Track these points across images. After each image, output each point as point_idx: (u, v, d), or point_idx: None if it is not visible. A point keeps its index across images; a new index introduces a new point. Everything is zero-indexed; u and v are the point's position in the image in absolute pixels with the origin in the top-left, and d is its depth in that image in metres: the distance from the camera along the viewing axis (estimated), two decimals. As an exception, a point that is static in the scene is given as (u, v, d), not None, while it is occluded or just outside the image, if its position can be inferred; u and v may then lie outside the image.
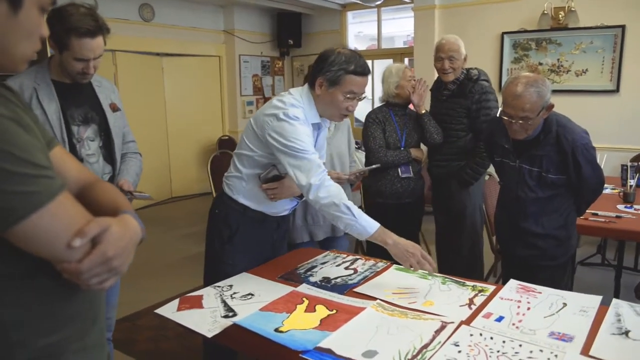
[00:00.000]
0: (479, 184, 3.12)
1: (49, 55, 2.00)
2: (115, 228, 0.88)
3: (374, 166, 2.81)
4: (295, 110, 1.91)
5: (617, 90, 4.94)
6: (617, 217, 2.85)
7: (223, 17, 7.31)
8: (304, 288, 1.86)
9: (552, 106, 2.14)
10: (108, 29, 1.96)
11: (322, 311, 1.67)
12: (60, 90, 1.99)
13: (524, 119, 2.10)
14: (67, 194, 0.84)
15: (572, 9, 4.94)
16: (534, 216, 2.29)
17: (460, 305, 1.72)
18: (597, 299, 1.72)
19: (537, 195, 2.25)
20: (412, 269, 1.85)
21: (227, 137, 7.25)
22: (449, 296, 1.80)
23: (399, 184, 3.02)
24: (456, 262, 3.27)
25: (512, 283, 1.89)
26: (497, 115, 2.25)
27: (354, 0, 6.69)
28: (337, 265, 2.11)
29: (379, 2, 6.62)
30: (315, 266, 2.10)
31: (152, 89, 6.62)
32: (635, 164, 3.62)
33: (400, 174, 3.00)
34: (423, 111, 3.04)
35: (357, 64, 1.91)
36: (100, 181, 1.10)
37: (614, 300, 1.70)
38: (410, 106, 3.11)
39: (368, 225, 1.86)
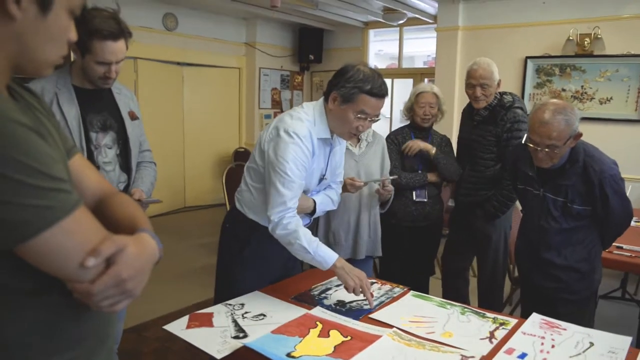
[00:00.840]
0: (507, 213, 2.96)
1: (72, 60, 1.99)
2: (132, 248, 0.83)
3: (391, 177, 2.60)
4: (299, 125, 1.86)
5: (642, 120, 4.84)
6: (642, 251, 2.75)
7: (245, 29, 7.35)
8: (317, 311, 1.80)
9: (580, 135, 2.07)
10: (130, 33, 1.94)
11: (336, 337, 1.61)
12: (81, 96, 1.97)
13: (550, 147, 2.03)
14: (83, 209, 0.80)
15: (599, 36, 4.87)
16: (556, 247, 2.21)
17: (481, 339, 1.64)
18: (627, 340, 1.63)
19: (560, 226, 2.18)
20: (352, 293, 1.84)
21: (243, 150, 7.24)
22: (469, 328, 1.72)
23: (414, 207, 2.92)
24: (464, 289, 3.19)
25: (535, 317, 1.81)
26: (523, 141, 2.18)
27: (377, 19, 6.68)
28: (352, 289, 2.04)
29: (401, 22, 6.60)
30: (330, 288, 2.03)
31: (172, 98, 6.64)
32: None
33: (414, 197, 2.91)
34: (433, 151, 2.89)
35: (374, 85, 1.84)
36: (119, 194, 1.06)
37: (644, 343, 1.62)
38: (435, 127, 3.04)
39: (324, 260, 1.85)
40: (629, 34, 4.82)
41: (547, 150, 2.04)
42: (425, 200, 2.93)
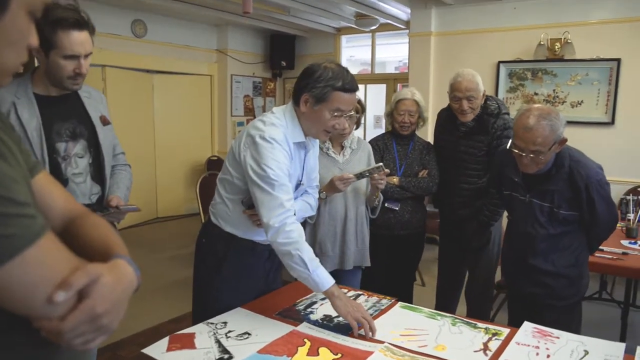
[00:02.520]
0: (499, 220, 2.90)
1: (35, 66, 1.85)
2: (107, 278, 0.74)
3: (375, 165, 2.39)
4: (274, 131, 1.79)
5: (612, 122, 4.93)
6: (623, 253, 2.76)
7: (216, 36, 7.24)
8: (304, 327, 1.72)
9: (564, 140, 2.05)
10: (94, 28, 1.81)
11: (325, 355, 1.53)
12: (45, 104, 1.82)
13: (535, 153, 2.01)
14: (49, 236, 0.70)
15: (569, 41, 4.94)
16: (543, 253, 2.18)
17: (475, 351, 1.59)
18: (621, 347, 1.60)
19: (547, 232, 2.15)
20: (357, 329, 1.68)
21: (216, 158, 7.11)
22: (462, 340, 1.67)
23: (391, 214, 2.85)
24: (458, 298, 3.15)
25: (527, 326, 1.77)
26: (507, 147, 2.14)
27: (349, 25, 6.66)
28: (338, 301, 1.97)
29: (373, 27, 6.60)
30: (315, 302, 1.96)
31: (142, 106, 6.47)
32: (635, 197, 3.56)
33: (385, 204, 2.79)
34: (395, 180, 2.80)
35: (345, 80, 1.80)
36: (90, 215, 0.95)
37: (639, 349, 1.59)
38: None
39: (321, 282, 1.72)
40: (597, 38, 4.90)
41: (532, 156, 2.02)
42: (397, 208, 2.84)
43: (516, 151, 2.06)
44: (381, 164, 2.34)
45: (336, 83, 1.78)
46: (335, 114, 1.82)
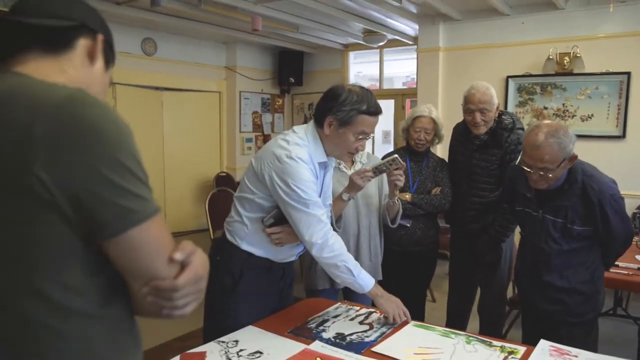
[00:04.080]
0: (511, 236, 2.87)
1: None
2: (201, 251, 0.90)
3: (390, 157, 2.19)
4: (300, 150, 1.79)
5: (623, 136, 4.89)
6: (638, 269, 2.71)
7: (225, 53, 7.31)
8: (317, 346, 1.70)
9: (575, 157, 2.03)
10: None
11: (339, 374, 1.51)
12: None
13: (543, 170, 1.99)
14: (161, 216, 0.85)
15: (578, 55, 4.93)
16: (558, 269, 2.15)
17: (491, 370, 1.56)
18: (640, 366, 1.57)
19: (561, 248, 2.12)
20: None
21: (224, 174, 7.12)
22: (477, 358, 1.64)
23: (403, 231, 2.80)
24: (469, 314, 3.11)
25: (544, 344, 1.73)
26: (517, 163, 2.13)
27: (357, 41, 6.70)
28: (350, 319, 1.95)
29: (381, 44, 6.63)
30: (327, 320, 1.93)
31: (151, 123, 6.52)
32: (648, 212, 3.52)
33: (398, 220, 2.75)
34: (407, 197, 2.77)
35: (370, 104, 1.82)
36: None
37: (659, 368, 1.55)
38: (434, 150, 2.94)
39: (365, 284, 1.88)
40: (606, 52, 4.89)
41: (540, 173, 2.00)
42: (408, 225, 2.80)
43: (525, 168, 2.05)
44: (396, 155, 2.19)
45: (361, 107, 1.80)
46: (360, 137, 1.85)
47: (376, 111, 1.84)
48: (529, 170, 2.03)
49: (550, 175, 2.00)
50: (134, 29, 6.03)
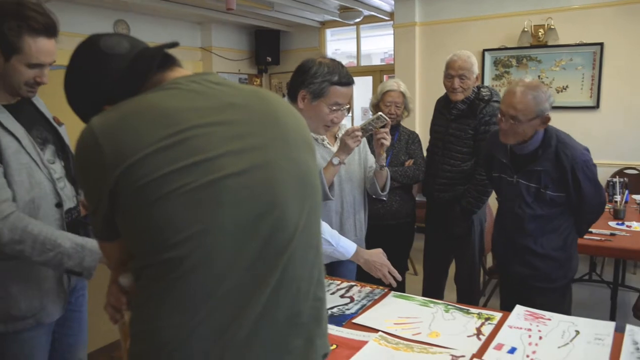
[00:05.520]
0: (482, 208, 2.94)
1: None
2: None
3: (375, 115, 2.19)
4: None
5: (597, 106, 4.97)
6: (611, 234, 2.79)
7: (200, 34, 7.19)
8: (299, 320, 1.72)
9: (548, 118, 2.09)
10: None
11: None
12: (10, 113, 1.61)
13: (514, 119, 2.06)
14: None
15: (552, 27, 4.97)
16: (532, 234, 2.20)
17: (468, 336, 1.61)
18: (610, 326, 1.63)
19: (534, 212, 2.17)
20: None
21: (204, 156, 7.07)
22: (455, 325, 1.69)
23: (380, 204, 2.85)
24: (445, 285, 3.17)
25: (519, 309, 1.79)
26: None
27: (333, 18, 6.65)
28: (331, 294, 1.98)
29: (358, 20, 6.59)
30: (309, 294, 1.96)
31: (127, 107, 6.42)
32: (622, 179, 3.60)
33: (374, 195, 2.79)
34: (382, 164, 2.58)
35: (341, 74, 1.84)
36: None
37: (628, 327, 1.61)
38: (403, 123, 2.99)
39: (346, 251, 1.96)
40: (580, 23, 4.94)
41: (511, 122, 2.06)
42: (385, 198, 2.81)
43: (499, 116, 2.13)
44: (380, 113, 2.19)
45: (333, 78, 1.82)
46: (334, 107, 1.86)
47: (348, 81, 1.86)
48: (501, 118, 2.10)
49: (519, 130, 2.05)
50: (105, 11, 5.89)
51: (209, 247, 0.83)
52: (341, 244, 1.92)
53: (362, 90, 7.22)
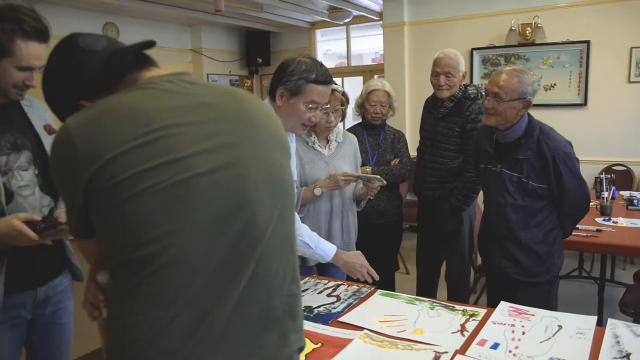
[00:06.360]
0: (472, 205, 2.97)
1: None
2: None
3: (377, 176, 2.40)
4: None
5: (584, 103, 5.02)
6: (597, 230, 2.82)
7: (190, 36, 7.19)
8: (285, 319, 1.73)
9: (529, 103, 2.13)
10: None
11: (306, 345, 1.55)
12: None
13: (496, 97, 2.11)
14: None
15: (539, 25, 5.01)
16: (514, 225, 2.22)
17: (452, 332, 1.62)
18: (592, 320, 1.65)
19: (516, 202, 2.19)
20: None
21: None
22: (439, 322, 1.70)
23: (367, 204, 2.84)
24: (437, 284, 3.19)
25: (504, 305, 1.80)
26: None
27: (323, 19, 6.67)
28: (318, 293, 1.99)
29: (347, 20, 6.61)
30: (296, 294, 1.97)
31: (118, 109, 6.40)
32: (609, 176, 3.63)
33: None
34: (367, 170, 2.87)
35: (319, 73, 1.83)
36: None
37: (610, 321, 1.64)
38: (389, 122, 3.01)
39: (325, 253, 1.98)
40: (566, 21, 4.98)
41: (494, 100, 2.11)
42: (371, 197, 2.83)
43: (483, 94, 2.21)
44: (379, 177, 2.40)
45: (310, 76, 1.81)
46: (310, 106, 1.85)
47: (325, 80, 1.85)
48: (486, 97, 2.16)
49: (501, 109, 2.11)
50: (94, 14, 5.88)
51: (182, 244, 0.85)
52: (320, 246, 1.94)
53: (353, 90, 7.21)
